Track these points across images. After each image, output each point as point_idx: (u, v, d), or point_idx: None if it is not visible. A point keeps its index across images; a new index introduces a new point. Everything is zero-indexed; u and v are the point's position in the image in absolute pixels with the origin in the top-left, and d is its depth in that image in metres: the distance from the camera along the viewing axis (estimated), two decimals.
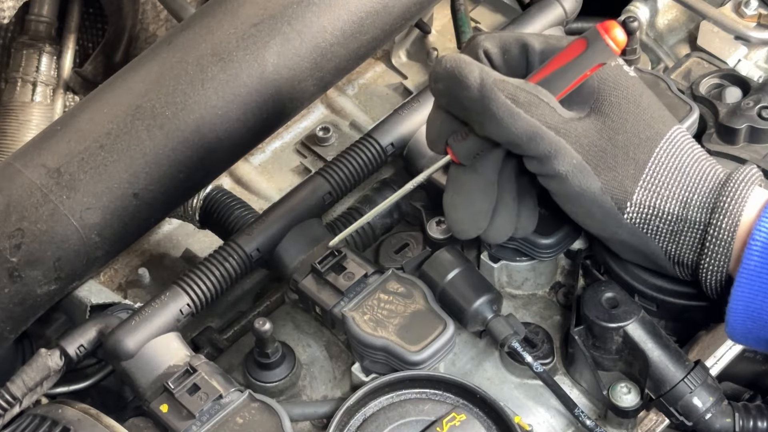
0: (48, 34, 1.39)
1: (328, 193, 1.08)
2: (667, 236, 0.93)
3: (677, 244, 0.93)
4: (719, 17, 1.31)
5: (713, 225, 0.91)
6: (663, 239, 0.93)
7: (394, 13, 1.11)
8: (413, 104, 1.14)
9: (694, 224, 0.92)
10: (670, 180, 0.93)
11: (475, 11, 1.40)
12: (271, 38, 1.04)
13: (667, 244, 0.93)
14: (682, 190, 0.93)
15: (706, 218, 0.92)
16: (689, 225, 0.92)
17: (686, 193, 0.92)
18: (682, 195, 0.92)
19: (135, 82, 1.02)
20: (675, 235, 0.93)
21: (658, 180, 0.93)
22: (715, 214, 0.91)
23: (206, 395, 0.95)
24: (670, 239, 0.93)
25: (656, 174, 0.93)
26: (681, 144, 0.94)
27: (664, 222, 0.93)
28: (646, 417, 1.00)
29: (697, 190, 0.92)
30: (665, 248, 0.94)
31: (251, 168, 1.27)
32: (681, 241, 0.93)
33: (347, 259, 1.02)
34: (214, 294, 1.01)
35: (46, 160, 0.98)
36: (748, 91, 1.15)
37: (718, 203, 0.91)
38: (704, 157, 0.94)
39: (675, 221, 0.92)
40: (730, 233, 0.90)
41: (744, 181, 0.92)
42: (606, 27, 0.91)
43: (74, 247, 0.98)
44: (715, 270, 0.91)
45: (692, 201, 0.92)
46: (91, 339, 1.00)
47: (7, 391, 0.96)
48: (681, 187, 0.93)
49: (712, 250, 0.91)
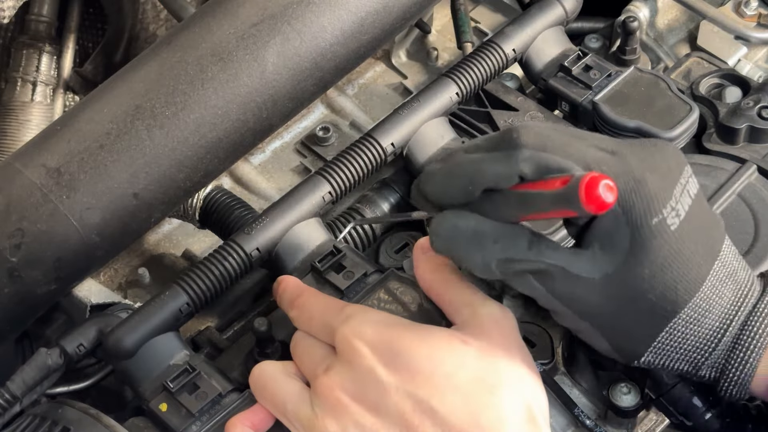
0: (48, 33, 1.39)
1: (328, 192, 1.08)
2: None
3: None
4: (719, 17, 1.31)
5: (725, 379, 0.87)
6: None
7: (394, 13, 1.11)
8: (413, 104, 1.14)
9: (703, 378, 0.88)
10: (685, 346, 0.86)
11: (475, 11, 1.40)
12: (271, 38, 1.04)
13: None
14: (695, 353, 0.87)
15: (717, 375, 0.87)
16: (698, 377, 0.88)
17: (698, 356, 0.87)
18: (694, 358, 0.87)
19: (135, 82, 1.02)
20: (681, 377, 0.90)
21: (671, 345, 0.86)
22: (724, 375, 0.87)
23: (205, 394, 0.95)
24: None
25: (670, 340, 0.86)
26: (703, 310, 0.85)
27: (670, 374, 0.90)
28: (646, 417, 0.99)
29: (710, 355, 0.86)
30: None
31: (251, 168, 1.27)
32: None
33: (347, 258, 1.02)
34: (213, 293, 1.01)
35: (46, 160, 0.98)
36: (748, 91, 1.15)
37: (726, 367, 0.86)
38: (722, 316, 0.86)
39: (683, 374, 0.89)
40: (742, 389, 0.87)
41: (752, 348, 0.85)
42: (590, 183, 0.77)
43: (74, 247, 0.97)
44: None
45: (704, 363, 0.87)
46: (91, 338, 1.00)
47: (6, 390, 0.96)
48: (694, 351, 0.87)
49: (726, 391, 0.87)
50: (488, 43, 1.19)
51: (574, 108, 1.17)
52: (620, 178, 0.81)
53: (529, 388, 0.85)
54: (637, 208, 0.81)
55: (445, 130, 1.15)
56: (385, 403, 0.83)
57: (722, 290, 0.85)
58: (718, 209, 1.06)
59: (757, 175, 1.09)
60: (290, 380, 0.89)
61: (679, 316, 0.84)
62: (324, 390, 0.86)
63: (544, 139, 0.83)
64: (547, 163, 0.82)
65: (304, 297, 0.94)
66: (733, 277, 0.86)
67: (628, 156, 0.83)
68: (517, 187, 0.83)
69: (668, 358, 0.87)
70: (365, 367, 0.85)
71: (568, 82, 1.18)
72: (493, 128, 1.16)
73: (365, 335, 0.86)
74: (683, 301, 0.84)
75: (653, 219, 0.81)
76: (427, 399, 0.82)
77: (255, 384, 0.91)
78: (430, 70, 1.36)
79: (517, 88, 1.21)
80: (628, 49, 1.24)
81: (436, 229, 0.87)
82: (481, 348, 0.85)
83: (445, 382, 0.83)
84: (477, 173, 0.84)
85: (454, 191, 0.86)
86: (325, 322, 0.90)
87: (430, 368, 0.83)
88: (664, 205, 0.82)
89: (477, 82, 1.17)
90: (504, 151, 0.83)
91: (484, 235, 0.85)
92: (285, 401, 0.88)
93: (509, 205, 0.84)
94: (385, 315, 0.90)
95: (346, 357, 0.86)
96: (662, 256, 0.82)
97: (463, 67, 1.16)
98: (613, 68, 1.18)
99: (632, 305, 0.84)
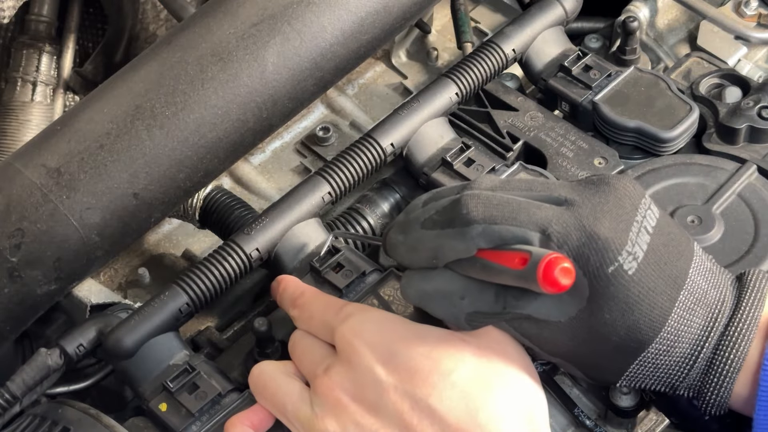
0: (48, 33, 1.39)
1: (328, 193, 1.08)
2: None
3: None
4: (719, 17, 1.31)
5: (703, 400, 0.86)
6: None
7: (394, 13, 1.11)
8: (413, 104, 1.14)
9: (682, 396, 0.88)
10: (658, 373, 0.86)
11: (475, 11, 1.40)
12: (271, 38, 1.04)
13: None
14: (670, 377, 0.86)
15: (695, 395, 0.87)
16: (677, 394, 0.88)
17: (673, 379, 0.86)
18: (669, 381, 0.86)
19: (135, 82, 1.02)
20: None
21: (643, 373, 0.86)
22: (702, 396, 0.86)
23: (205, 394, 0.95)
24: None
25: (642, 369, 0.85)
26: (671, 342, 0.84)
27: (647, 393, 0.90)
28: (646, 417, 0.99)
29: (686, 377, 0.86)
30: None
31: (251, 168, 1.27)
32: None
33: (346, 257, 1.02)
34: (213, 293, 1.02)
35: (46, 160, 0.98)
36: (748, 91, 1.15)
37: (702, 389, 0.86)
38: (693, 343, 0.84)
39: (661, 393, 0.88)
40: (721, 408, 0.86)
41: (725, 373, 0.84)
42: (547, 267, 0.79)
43: (74, 247, 0.97)
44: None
45: (680, 384, 0.86)
46: (91, 338, 1.00)
47: (6, 390, 0.96)
48: (668, 376, 0.86)
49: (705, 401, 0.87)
50: (488, 43, 1.19)
51: (574, 108, 1.17)
52: (572, 234, 0.82)
53: (527, 386, 0.85)
54: (592, 260, 0.81)
55: (445, 130, 1.15)
56: (384, 402, 0.83)
57: (690, 319, 0.84)
58: (718, 209, 1.06)
59: (757, 175, 1.09)
60: (290, 380, 0.89)
61: (648, 351, 0.84)
62: (324, 390, 0.86)
63: (492, 210, 0.84)
64: (501, 235, 0.83)
65: (305, 296, 0.94)
66: (703, 301, 0.85)
67: (580, 206, 0.83)
68: (481, 254, 0.84)
69: (643, 382, 0.87)
70: (364, 367, 0.85)
71: (568, 82, 1.18)
72: (493, 128, 1.16)
73: (365, 334, 0.86)
74: (648, 339, 0.83)
75: (609, 268, 0.81)
76: (425, 398, 0.82)
77: (255, 384, 0.91)
78: (430, 70, 1.36)
79: (517, 88, 1.21)
80: (628, 49, 1.24)
81: (405, 289, 0.90)
82: (480, 347, 0.85)
83: (443, 380, 0.83)
84: (438, 250, 0.86)
85: (420, 262, 0.89)
86: (325, 322, 0.90)
87: (429, 367, 0.83)
88: (620, 252, 0.81)
89: (477, 82, 1.17)
90: (457, 228, 0.85)
91: (452, 293, 0.87)
92: (285, 401, 0.88)
93: (474, 270, 0.85)
94: (385, 314, 0.90)
95: (346, 356, 0.86)
96: (622, 301, 0.82)
97: (463, 67, 1.16)
98: (613, 68, 1.18)
99: (599, 345, 0.84)
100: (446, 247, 0.86)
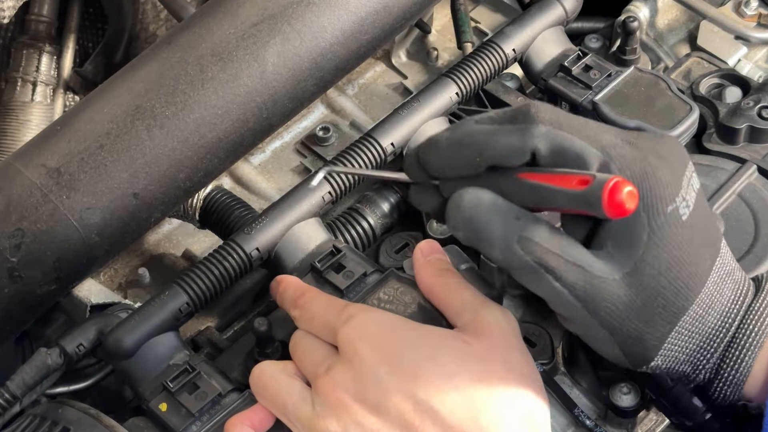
0: (48, 33, 1.39)
1: (328, 193, 1.08)
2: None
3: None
4: (719, 17, 1.31)
5: (719, 378, 0.87)
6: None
7: (394, 13, 1.11)
8: (413, 104, 1.14)
9: (699, 381, 0.89)
10: (690, 346, 0.86)
11: (475, 11, 1.40)
12: (271, 38, 1.04)
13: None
14: (699, 353, 0.87)
15: (712, 377, 0.88)
16: (695, 381, 0.89)
17: (701, 357, 0.87)
18: (696, 359, 0.87)
19: (135, 82, 1.02)
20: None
21: (678, 346, 0.86)
22: (719, 375, 0.87)
23: (205, 394, 0.95)
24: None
25: (678, 340, 0.86)
26: (707, 306, 0.85)
27: (673, 376, 0.90)
28: (646, 417, 1.00)
29: (712, 356, 0.87)
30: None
31: (251, 168, 1.27)
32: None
33: (347, 257, 1.02)
34: (213, 293, 1.01)
35: (46, 160, 0.98)
36: (748, 91, 1.15)
37: (722, 366, 0.87)
38: (723, 314, 0.86)
39: (683, 377, 0.89)
40: (736, 389, 0.87)
41: (748, 346, 0.85)
42: (613, 189, 0.76)
43: (74, 247, 0.97)
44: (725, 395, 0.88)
45: (705, 365, 0.87)
46: (91, 338, 1.00)
47: (6, 390, 0.96)
48: (698, 351, 0.87)
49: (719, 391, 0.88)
50: (488, 43, 1.19)
51: (574, 108, 1.17)
52: (636, 164, 0.81)
53: (529, 389, 0.85)
54: (653, 194, 0.80)
55: None
56: (386, 403, 0.83)
57: (723, 288, 0.85)
58: (718, 209, 1.06)
59: (757, 175, 1.09)
60: (291, 380, 0.89)
61: (687, 313, 0.84)
62: (325, 390, 0.86)
63: (561, 118, 0.82)
64: (563, 143, 0.80)
65: (306, 297, 0.94)
66: (732, 276, 0.87)
67: (640, 144, 0.83)
68: (529, 176, 0.81)
69: (674, 360, 0.87)
70: (366, 367, 0.85)
71: (568, 82, 1.18)
72: None
73: (367, 335, 0.86)
74: (693, 295, 0.83)
75: (668, 207, 0.81)
76: (427, 399, 0.82)
77: (255, 384, 0.91)
78: (430, 70, 1.36)
79: (517, 88, 1.21)
80: (628, 49, 1.24)
81: (458, 202, 0.84)
82: (483, 349, 0.85)
83: (446, 382, 0.83)
84: (488, 144, 0.82)
85: (459, 162, 0.84)
86: (326, 322, 0.90)
87: (431, 368, 0.83)
88: (677, 194, 0.81)
89: (477, 82, 1.17)
90: (518, 124, 0.81)
91: (508, 210, 0.82)
92: (285, 401, 0.88)
93: (521, 195, 0.82)
94: (387, 315, 0.90)
95: (348, 357, 0.86)
96: (677, 247, 0.82)
97: (463, 67, 1.16)
98: (613, 68, 1.18)
99: (648, 304, 0.83)
100: (499, 144, 0.81)
